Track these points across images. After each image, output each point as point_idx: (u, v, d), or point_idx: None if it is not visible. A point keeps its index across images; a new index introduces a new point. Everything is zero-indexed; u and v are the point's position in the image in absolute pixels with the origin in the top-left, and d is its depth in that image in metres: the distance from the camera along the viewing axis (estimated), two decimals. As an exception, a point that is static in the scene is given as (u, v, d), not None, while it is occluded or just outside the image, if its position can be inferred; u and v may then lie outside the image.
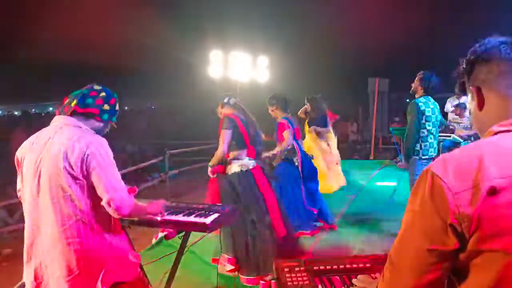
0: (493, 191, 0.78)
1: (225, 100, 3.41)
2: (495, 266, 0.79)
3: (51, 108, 28.48)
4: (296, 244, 3.68)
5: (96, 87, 1.85)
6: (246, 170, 3.27)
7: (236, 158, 3.30)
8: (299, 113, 5.93)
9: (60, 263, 1.63)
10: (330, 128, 6.13)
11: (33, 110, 29.41)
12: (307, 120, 5.98)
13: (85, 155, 1.63)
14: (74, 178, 1.63)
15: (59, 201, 1.63)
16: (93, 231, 1.66)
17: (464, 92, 1.04)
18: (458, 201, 0.80)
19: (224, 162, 3.32)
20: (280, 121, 4.28)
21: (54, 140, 1.68)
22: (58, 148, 1.65)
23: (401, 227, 0.93)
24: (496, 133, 0.89)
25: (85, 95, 1.80)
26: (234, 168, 3.29)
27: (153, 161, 8.33)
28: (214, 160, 3.30)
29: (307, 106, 5.82)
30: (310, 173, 4.53)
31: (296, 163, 4.39)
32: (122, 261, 1.71)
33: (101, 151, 1.67)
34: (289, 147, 4.25)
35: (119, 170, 1.76)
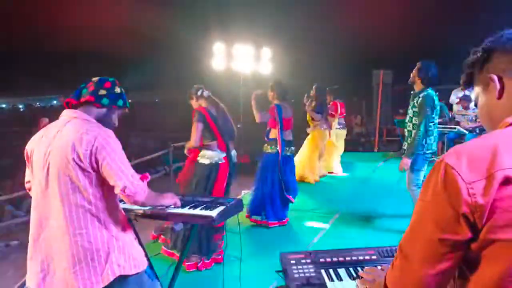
0: (507, 181, 0.78)
1: (199, 93, 3.56)
2: (507, 256, 0.79)
3: (55, 102, 28.52)
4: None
5: (94, 78, 1.86)
6: (214, 163, 3.49)
7: (207, 149, 3.51)
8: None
9: (66, 254, 1.64)
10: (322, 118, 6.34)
11: (37, 103, 29.46)
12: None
13: (94, 147, 1.63)
14: (83, 170, 1.64)
15: (68, 192, 1.65)
16: (100, 223, 1.67)
17: (469, 83, 1.03)
18: (472, 191, 0.80)
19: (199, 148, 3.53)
20: (271, 106, 4.48)
21: (62, 133, 1.69)
22: (66, 140, 1.65)
23: (413, 217, 0.93)
24: (510, 124, 0.89)
25: (81, 88, 1.82)
26: (203, 159, 3.51)
27: (157, 154, 8.35)
28: (187, 145, 3.56)
29: (313, 92, 6.21)
30: (286, 163, 4.59)
31: (276, 152, 4.49)
32: (128, 255, 1.72)
33: (110, 142, 1.67)
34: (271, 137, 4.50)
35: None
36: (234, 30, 10.39)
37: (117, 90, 1.85)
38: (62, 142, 1.66)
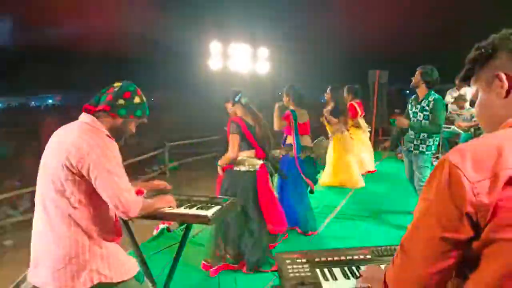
0: (511, 181, 0.78)
1: (236, 99, 3.34)
2: (509, 255, 0.79)
3: (50, 101, 28.37)
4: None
5: (116, 84, 1.83)
6: (252, 170, 3.34)
7: (245, 160, 3.35)
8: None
9: (49, 254, 1.65)
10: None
11: (33, 102, 29.30)
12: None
13: (88, 159, 1.62)
14: (73, 176, 1.64)
15: (54, 195, 1.65)
16: (82, 229, 1.66)
17: (466, 79, 1.01)
18: (476, 190, 0.80)
19: (233, 162, 3.36)
20: (286, 112, 4.31)
21: (65, 136, 1.71)
22: (65, 145, 1.66)
23: (415, 215, 0.93)
24: None
25: (101, 93, 1.80)
26: (239, 167, 3.35)
27: (152, 153, 8.34)
28: (223, 161, 3.34)
29: (327, 94, 5.94)
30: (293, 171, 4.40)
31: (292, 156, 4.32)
32: (112, 263, 1.70)
33: (106, 154, 1.65)
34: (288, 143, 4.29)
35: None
36: (231, 29, 10.39)
37: (137, 100, 1.83)
38: (61, 146, 1.67)
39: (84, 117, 1.77)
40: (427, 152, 4.02)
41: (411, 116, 4.16)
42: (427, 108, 3.98)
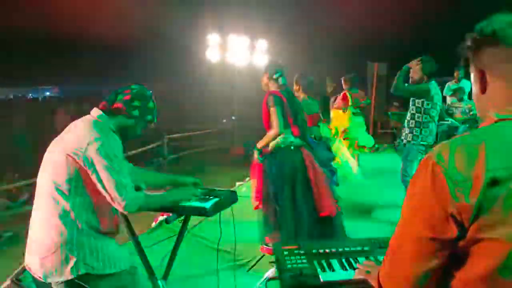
0: (494, 182, 0.78)
1: (275, 76, 3.18)
2: (494, 254, 0.80)
3: (47, 93, 28.22)
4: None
5: (133, 85, 1.91)
6: (295, 147, 3.14)
7: (283, 138, 3.15)
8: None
9: (40, 240, 1.70)
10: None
11: (30, 95, 29.11)
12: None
13: (88, 150, 1.66)
14: (73, 167, 1.67)
15: (53, 184, 1.69)
16: (73, 219, 1.68)
17: (467, 66, 1.01)
18: (459, 191, 0.80)
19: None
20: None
21: (72, 129, 1.78)
22: (70, 137, 1.74)
23: (401, 215, 0.94)
24: (497, 121, 0.88)
25: (118, 92, 1.87)
26: (282, 143, 3.13)
27: (151, 146, 8.32)
28: (263, 142, 3.14)
29: (331, 88, 5.96)
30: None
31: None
32: (103, 255, 1.71)
33: (107, 149, 1.69)
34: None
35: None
36: (229, 21, 10.32)
37: (150, 105, 1.92)
38: (66, 138, 1.75)
39: (94, 112, 1.83)
40: (413, 142, 3.94)
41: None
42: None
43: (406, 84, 3.98)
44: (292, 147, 3.15)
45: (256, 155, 3.23)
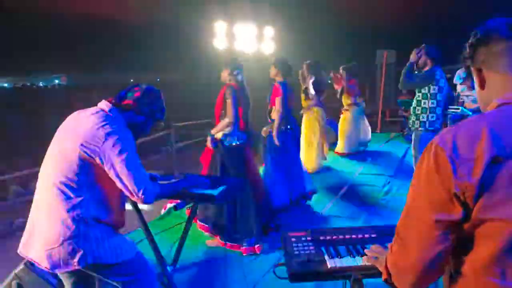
0: (496, 161, 0.79)
1: (235, 72, 3.49)
2: (499, 235, 0.80)
3: (57, 81, 28.40)
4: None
5: (143, 84, 1.94)
6: (239, 143, 3.45)
7: (229, 130, 3.44)
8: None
9: (45, 232, 1.70)
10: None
11: (40, 83, 29.32)
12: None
13: (104, 145, 1.67)
14: (85, 162, 1.67)
15: (63, 177, 1.68)
16: (81, 210, 1.69)
17: (471, 73, 1.09)
18: (461, 171, 0.81)
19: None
20: (275, 85, 4.27)
21: (83, 121, 1.75)
22: (82, 130, 1.71)
23: (407, 199, 0.94)
24: (499, 105, 0.90)
25: (128, 89, 1.90)
26: (228, 140, 3.45)
27: (159, 134, 8.36)
28: (217, 129, 3.44)
29: (304, 70, 5.77)
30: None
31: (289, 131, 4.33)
32: (108, 244, 1.73)
33: (122, 143, 1.69)
34: (282, 115, 4.19)
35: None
36: (236, 9, 10.23)
37: (160, 104, 1.94)
38: (77, 131, 1.72)
39: (102, 104, 1.82)
40: (421, 128, 3.95)
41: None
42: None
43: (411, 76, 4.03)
44: (235, 142, 3.45)
45: (208, 141, 3.50)
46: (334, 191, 5.10)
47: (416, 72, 4.22)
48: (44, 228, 1.71)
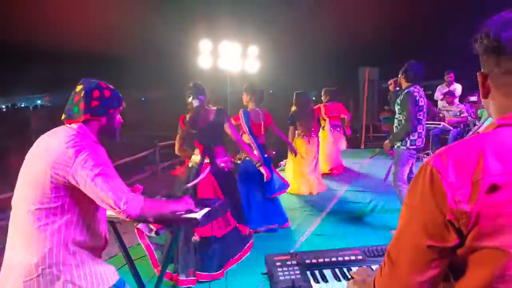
0: (493, 188, 0.76)
1: (189, 99, 3.37)
2: (494, 263, 0.77)
3: (39, 101, 28.01)
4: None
5: (78, 87, 1.78)
6: (196, 167, 3.36)
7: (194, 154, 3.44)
8: None
9: (21, 263, 1.61)
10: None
11: (22, 103, 28.84)
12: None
13: (75, 163, 1.58)
14: (58, 183, 1.60)
15: (37, 202, 1.60)
16: (60, 238, 1.61)
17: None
18: (457, 197, 0.78)
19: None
20: (240, 112, 4.29)
21: (52, 142, 1.66)
22: (51, 149, 1.62)
23: (400, 222, 0.91)
24: (498, 127, 0.85)
25: (69, 105, 1.76)
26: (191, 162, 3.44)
27: (143, 153, 8.26)
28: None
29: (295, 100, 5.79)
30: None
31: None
32: (89, 272, 1.65)
33: (94, 158, 1.61)
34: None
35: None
36: (221, 27, 10.33)
37: (107, 93, 1.79)
38: (46, 152, 1.63)
39: (67, 124, 1.75)
40: (402, 146, 3.95)
41: None
42: (399, 101, 3.99)
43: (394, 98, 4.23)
44: (195, 166, 3.40)
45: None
46: (320, 208, 5.07)
47: (398, 88, 4.28)
48: (21, 259, 1.61)
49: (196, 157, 3.40)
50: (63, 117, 1.77)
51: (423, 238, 0.83)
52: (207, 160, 3.36)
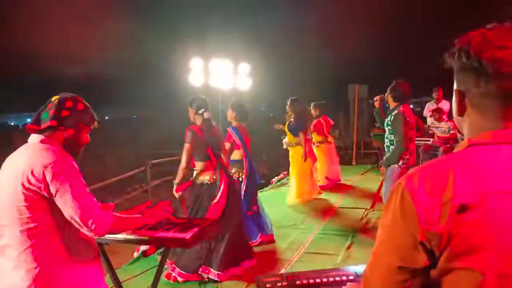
0: (463, 208, 0.75)
1: (200, 111, 3.46)
2: (467, 284, 0.76)
3: (29, 120, 27.81)
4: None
5: (53, 97, 1.74)
6: (212, 183, 3.41)
7: (202, 170, 3.44)
8: None
9: (11, 283, 1.56)
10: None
11: (12, 122, 28.59)
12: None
13: (45, 176, 1.54)
14: (33, 199, 1.55)
15: (16, 222, 1.56)
16: (52, 256, 1.58)
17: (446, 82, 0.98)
18: (428, 218, 0.77)
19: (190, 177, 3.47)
20: (228, 130, 4.32)
21: (18, 159, 1.62)
22: (19, 168, 1.58)
23: (376, 239, 0.91)
24: (469, 146, 0.85)
25: (40, 110, 1.72)
26: (201, 179, 3.43)
27: (134, 172, 8.17)
28: (178, 178, 3.41)
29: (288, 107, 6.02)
30: (253, 187, 4.42)
31: (241, 178, 4.29)
32: None
33: (64, 171, 1.57)
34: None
35: (98, 182, 1.69)
36: (211, 45, 10.43)
37: (80, 106, 1.74)
38: (15, 170, 1.58)
39: (33, 138, 1.69)
40: (395, 164, 3.97)
41: None
42: (389, 123, 4.02)
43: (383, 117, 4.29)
44: (204, 183, 3.45)
45: (174, 190, 3.49)
46: (313, 226, 5.03)
47: (386, 105, 4.33)
48: (8, 280, 1.56)
49: (206, 174, 3.42)
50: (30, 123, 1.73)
51: (394, 259, 0.83)
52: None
